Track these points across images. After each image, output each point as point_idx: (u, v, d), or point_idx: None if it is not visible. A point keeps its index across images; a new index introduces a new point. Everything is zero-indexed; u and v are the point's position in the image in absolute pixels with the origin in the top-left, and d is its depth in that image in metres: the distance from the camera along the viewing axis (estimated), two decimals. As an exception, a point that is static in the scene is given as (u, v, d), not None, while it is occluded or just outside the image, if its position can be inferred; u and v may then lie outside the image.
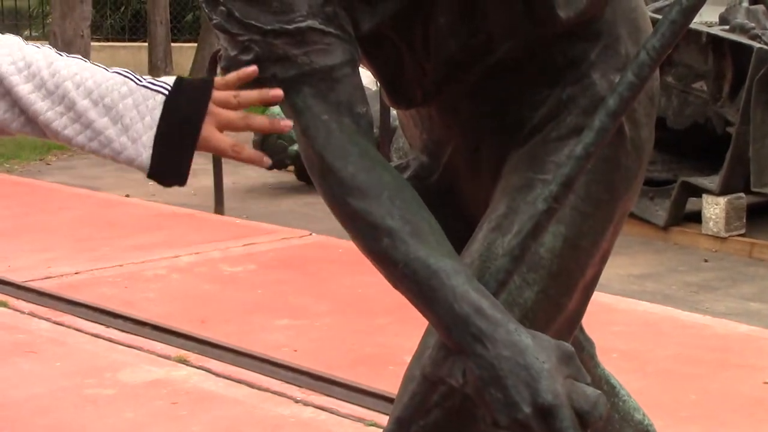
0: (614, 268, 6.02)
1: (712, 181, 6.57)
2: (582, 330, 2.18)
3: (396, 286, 1.68)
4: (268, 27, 1.66)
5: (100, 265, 5.90)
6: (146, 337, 4.77)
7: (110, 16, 15.19)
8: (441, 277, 1.61)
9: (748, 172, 6.41)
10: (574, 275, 1.79)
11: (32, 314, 5.10)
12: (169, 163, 1.67)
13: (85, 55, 11.70)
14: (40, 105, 1.65)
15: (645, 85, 1.62)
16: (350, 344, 4.69)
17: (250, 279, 5.72)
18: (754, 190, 6.48)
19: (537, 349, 1.58)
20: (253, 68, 1.67)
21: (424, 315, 1.65)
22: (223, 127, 1.68)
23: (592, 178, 1.79)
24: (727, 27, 6.82)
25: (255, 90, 1.67)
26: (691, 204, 6.78)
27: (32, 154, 9.61)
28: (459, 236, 1.85)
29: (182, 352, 4.58)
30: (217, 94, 1.67)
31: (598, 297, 5.08)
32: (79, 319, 5.00)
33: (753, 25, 6.67)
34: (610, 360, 4.58)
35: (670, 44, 1.60)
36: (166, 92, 1.67)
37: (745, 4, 7.36)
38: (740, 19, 6.87)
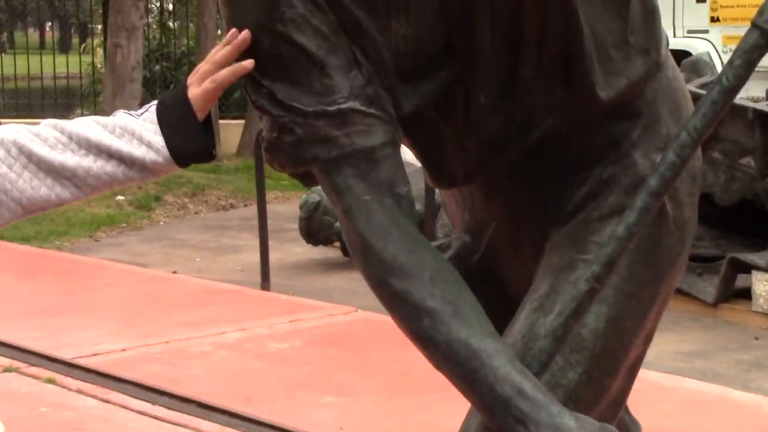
0: (663, 346, 5.94)
1: (761, 257, 6.49)
2: (627, 411, 2.15)
3: (438, 367, 1.67)
4: (310, 109, 1.68)
5: (147, 341, 5.91)
6: (192, 415, 4.76)
7: (160, 94, 15.40)
8: (482, 357, 1.61)
9: (798, 248, 6.34)
10: (617, 356, 1.78)
11: (80, 391, 5.11)
12: (183, 139, 1.82)
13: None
14: (63, 156, 1.80)
15: (686, 165, 1.61)
16: (396, 422, 4.66)
17: (295, 355, 5.71)
18: (804, 266, 6.40)
19: (580, 432, 1.56)
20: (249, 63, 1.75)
21: (466, 396, 1.64)
22: (202, 78, 1.84)
23: (634, 258, 1.78)
24: (773, 102, 6.80)
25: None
26: (740, 280, 6.70)
27: (82, 230, 9.69)
28: (501, 315, 1.84)
29: (227, 430, 4.57)
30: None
31: (646, 375, 5.01)
32: (126, 396, 5.01)
33: (798, 101, 6.64)
34: (660, 440, 4.52)
35: (711, 124, 1.60)
36: (155, 104, 1.87)
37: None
38: (782, 94, 6.85)
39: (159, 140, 1.81)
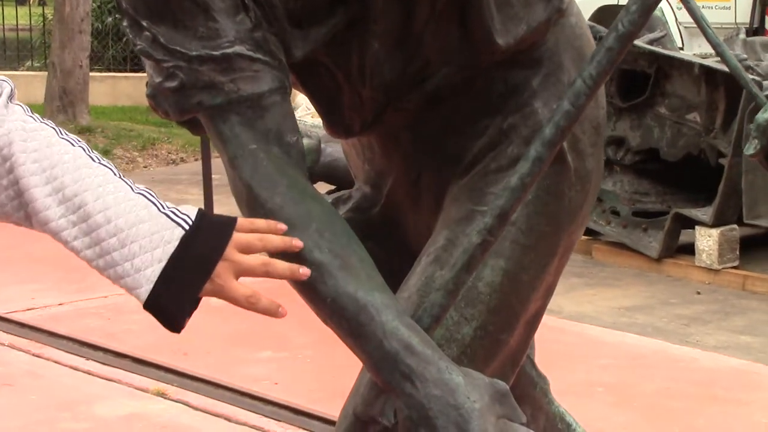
0: (605, 300, 5.95)
1: (705, 213, 6.50)
2: (534, 366, 2.11)
3: (326, 322, 1.63)
4: (194, 53, 1.61)
5: (84, 296, 5.83)
6: (125, 370, 4.70)
7: (112, 47, 15.17)
8: (370, 311, 1.56)
9: (741, 204, 6.34)
10: (515, 310, 1.73)
11: (11, 346, 5.03)
12: (168, 304, 1.56)
13: (84, 84, 11.68)
14: (53, 210, 1.53)
15: (582, 114, 1.56)
16: (331, 377, 4.62)
17: (235, 310, 5.58)
18: (746, 222, 6.41)
19: (468, 388, 1.52)
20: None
21: (354, 352, 1.60)
22: (241, 274, 1.57)
23: (533, 210, 1.73)
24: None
25: (279, 238, 1.58)
26: (684, 236, 6.71)
27: (27, 183, 9.57)
28: (405, 268, 1.80)
29: (161, 385, 4.52)
30: (239, 236, 1.55)
31: (585, 330, 4.96)
32: (59, 352, 4.94)
33: (746, 56, 6.61)
34: (595, 394, 4.51)
35: (606, 72, 1.54)
36: (186, 227, 1.54)
37: (743, 35, 7.32)
38: (737, 50, 6.81)
39: (150, 273, 1.51)
